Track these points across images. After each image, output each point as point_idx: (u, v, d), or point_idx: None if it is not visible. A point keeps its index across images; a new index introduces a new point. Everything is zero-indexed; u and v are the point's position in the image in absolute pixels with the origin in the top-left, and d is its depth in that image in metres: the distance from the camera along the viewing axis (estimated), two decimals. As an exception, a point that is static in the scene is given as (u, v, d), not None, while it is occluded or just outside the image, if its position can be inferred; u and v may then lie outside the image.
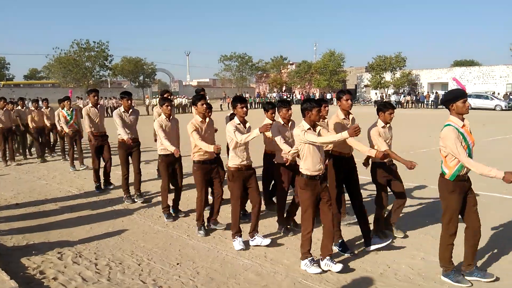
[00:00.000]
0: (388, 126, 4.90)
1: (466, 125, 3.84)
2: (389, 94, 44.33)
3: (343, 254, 4.60)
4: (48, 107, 11.55)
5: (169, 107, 5.93)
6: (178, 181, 6.16)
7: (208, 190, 5.58)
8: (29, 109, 11.34)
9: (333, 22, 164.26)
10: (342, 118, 4.83)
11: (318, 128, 4.22)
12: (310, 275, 4.11)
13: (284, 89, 56.10)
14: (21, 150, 11.84)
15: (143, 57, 71.72)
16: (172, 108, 6.03)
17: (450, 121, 3.83)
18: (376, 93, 46.50)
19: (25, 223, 5.83)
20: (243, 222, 5.41)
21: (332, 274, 4.13)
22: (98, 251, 4.80)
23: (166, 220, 5.92)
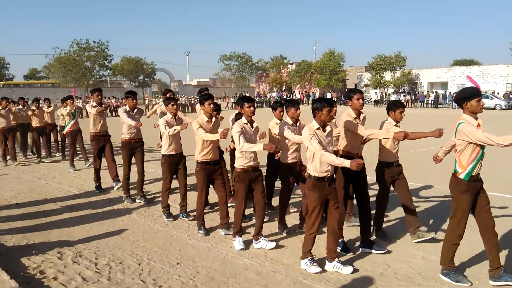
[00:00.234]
0: (398, 125, 4.80)
1: (480, 124, 3.72)
2: (389, 94, 44.33)
3: (344, 254, 4.59)
4: (49, 107, 11.54)
5: (174, 106, 5.92)
6: (183, 181, 6.01)
7: (208, 190, 5.51)
8: (30, 108, 11.30)
9: (333, 22, 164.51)
10: (353, 117, 4.72)
11: (328, 128, 4.15)
12: (310, 275, 4.12)
13: (284, 88, 56.09)
14: (21, 150, 11.83)
15: (143, 56, 71.88)
16: (177, 107, 6.01)
17: (464, 119, 3.72)
18: (376, 92, 46.48)
19: (25, 223, 5.84)
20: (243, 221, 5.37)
21: (332, 273, 4.14)
22: (98, 251, 4.80)
23: (166, 219, 5.91)
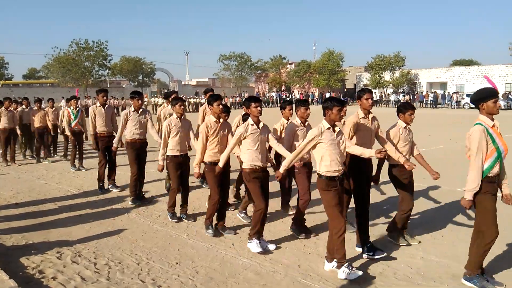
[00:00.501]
0: (408, 127, 4.76)
1: (496, 125, 3.65)
2: (388, 94, 44.36)
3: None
4: (52, 107, 11.48)
5: (182, 107, 5.85)
6: (185, 182, 5.97)
7: (220, 190, 5.28)
8: (33, 109, 11.24)
9: (332, 22, 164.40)
10: (361, 117, 4.64)
11: (337, 128, 4.10)
12: (309, 274, 4.12)
13: (283, 88, 56.09)
14: (22, 150, 11.80)
15: (142, 56, 71.84)
16: (184, 108, 5.96)
17: (480, 120, 3.66)
18: (375, 92, 46.52)
19: (24, 223, 5.83)
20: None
21: (330, 273, 4.14)
22: (97, 251, 4.80)
23: (170, 219, 5.82)
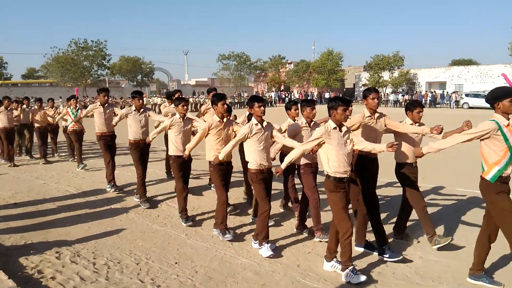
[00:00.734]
0: (417, 126, 4.73)
1: (511, 125, 3.59)
2: (387, 94, 44.39)
3: (371, 253, 4.60)
4: (53, 107, 11.45)
5: (185, 107, 5.81)
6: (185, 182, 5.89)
7: (226, 190, 5.23)
8: (34, 108, 11.21)
9: (331, 22, 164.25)
10: (367, 116, 4.60)
11: (344, 128, 4.06)
12: (308, 274, 4.12)
13: (282, 88, 56.08)
14: (23, 149, 11.77)
15: (141, 56, 71.56)
16: (187, 108, 5.95)
17: (495, 117, 3.61)
18: (374, 92, 46.42)
19: (23, 223, 5.81)
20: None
21: (329, 272, 4.15)
22: (96, 251, 4.80)
23: (184, 224, 5.62)
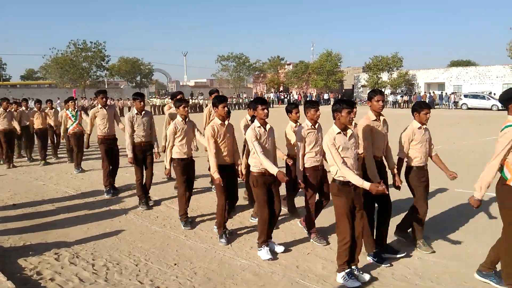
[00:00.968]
0: (424, 127, 4.63)
1: None
2: (386, 94, 44.43)
3: (379, 265, 4.33)
4: (52, 108, 11.38)
5: (186, 109, 5.69)
6: (189, 186, 5.80)
7: (226, 196, 5.12)
8: (32, 110, 11.17)
9: (330, 23, 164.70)
10: (372, 119, 4.51)
11: (349, 131, 3.98)
12: (308, 275, 4.12)
13: (281, 89, 56.12)
14: (22, 151, 11.75)
15: (140, 57, 71.65)
16: (189, 109, 5.87)
17: (510, 121, 3.49)
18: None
19: (22, 224, 5.81)
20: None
21: (330, 274, 4.14)
22: (95, 252, 4.79)
23: (183, 228, 5.56)
